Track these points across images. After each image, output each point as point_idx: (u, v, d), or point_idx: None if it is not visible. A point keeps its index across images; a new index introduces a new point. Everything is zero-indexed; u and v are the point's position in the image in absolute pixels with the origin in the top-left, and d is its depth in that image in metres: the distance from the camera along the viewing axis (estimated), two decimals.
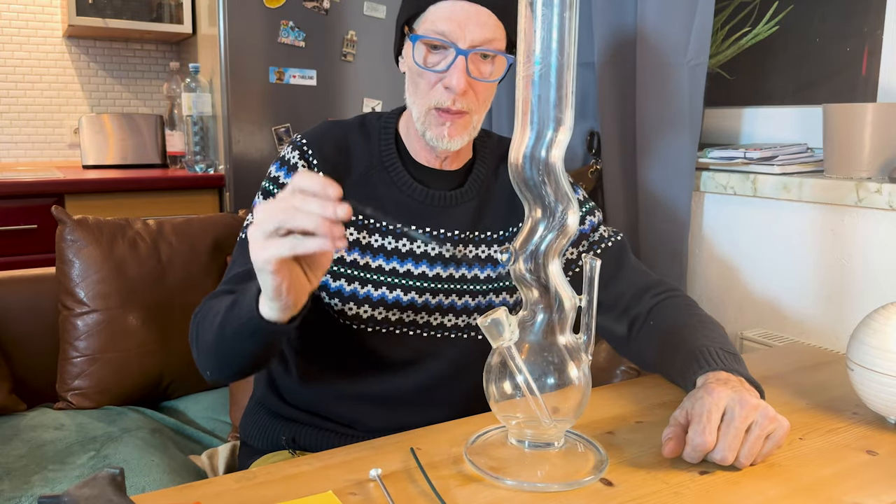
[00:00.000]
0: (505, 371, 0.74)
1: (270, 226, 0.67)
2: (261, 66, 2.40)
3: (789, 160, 1.40)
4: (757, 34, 1.58)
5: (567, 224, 0.71)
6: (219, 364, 0.90)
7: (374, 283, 0.99)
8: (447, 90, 0.92)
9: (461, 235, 1.02)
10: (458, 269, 1.01)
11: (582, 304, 0.74)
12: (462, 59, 0.91)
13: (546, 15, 0.66)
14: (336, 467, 0.75)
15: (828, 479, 0.74)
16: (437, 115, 0.94)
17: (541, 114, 0.69)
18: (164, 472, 1.18)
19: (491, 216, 1.04)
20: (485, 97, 0.96)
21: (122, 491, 0.61)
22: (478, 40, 0.91)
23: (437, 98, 0.93)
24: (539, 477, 0.73)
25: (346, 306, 0.99)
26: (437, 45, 0.92)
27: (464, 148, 1.02)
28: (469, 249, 1.02)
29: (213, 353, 0.89)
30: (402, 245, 0.99)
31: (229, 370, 0.91)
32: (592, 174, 1.66)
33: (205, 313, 0.91)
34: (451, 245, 1.01)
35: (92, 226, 1.47)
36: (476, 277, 1.02)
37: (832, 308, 1.33)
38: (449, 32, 0.91)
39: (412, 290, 1.00)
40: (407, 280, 1.00)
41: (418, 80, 0.95)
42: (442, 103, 0.93)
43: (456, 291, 1.02)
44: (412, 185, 1.01)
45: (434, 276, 1.01)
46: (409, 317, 1.00)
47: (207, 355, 0.90)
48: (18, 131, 2.84)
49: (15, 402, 1.39)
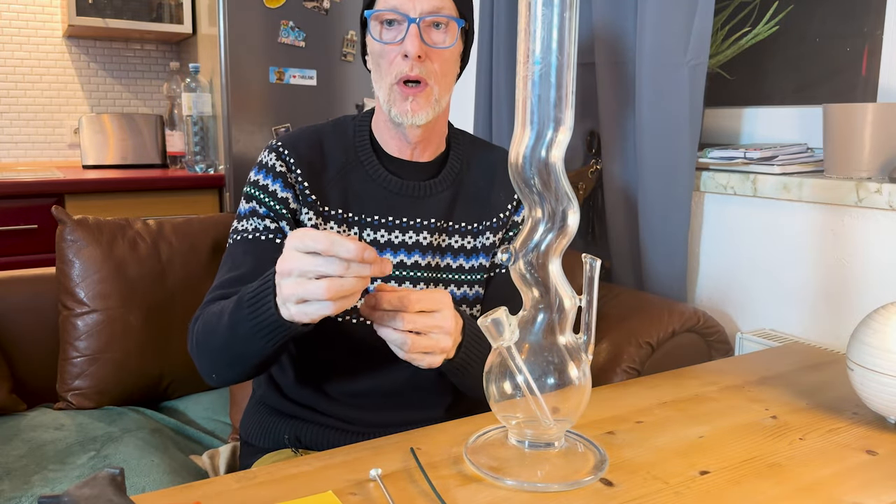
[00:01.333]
0: (505, 371, 0.74)
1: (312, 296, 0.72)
2: (261, 66, 2.40)
3: (789, 160, 1.40)
4: (757, 34, 1.58)
5: (567, 224, 0.71)
6: (229, 366, 0.91)
7: None
8: (405, 59, 0.96)
9: (437, 224, 1.04)
10: (438, 258, 1.05)
11: (582, 303, 0.74)
12: (415, 26, 0.95)
13: (546, 15, 0.66)
14: (336, 467, 0.75)
15: (828, 479, 0.74)
16: (400, 91, 0.98)
17: (541, 114, 0.69)
18: (165, 473, 1.18)
19: (465, 207, 1.07)
20: (444, 70, 0.99)
21: (123, 491, 0.61)
22: (427, 9, 0.96)
23: (396, 70, 0.97)
24: (539, 477, 0.73)
25: None
26: (392, 19, 0.97)
27: (434, 138, 1.05)
28: (443, 238, 1.05)
29: (222, 356, 0.90)
30: (380, 237, 1.02)
31: (239, 370, 0.92)
32: (592, 174, 1.66)
33: (207, 319, 0.92)
34: (427, 233, 1.04)
35: (92, 226, 1.47)
36: (459, 267, 1.06)
37: (832, 308, 1.33)
38: (399, 5, 0.95)
39: (406, 280, 1.02)
40: (401, 271, 1.03)
41: (380, 60, 0.99)
42: (402, 72, 0.96)
43: (442, 280, 1.05)
44: (387, 177, 1.03)
45: (412, 265, 1.03)
46: None
47: (215, 359, 0.92)
48: (18, 131, 2.85)
49: (15, 402, 1.39)
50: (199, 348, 0.94)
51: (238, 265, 0.99)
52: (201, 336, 0.93)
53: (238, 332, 0.84)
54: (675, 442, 0.81)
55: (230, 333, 0.86)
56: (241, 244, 1.00)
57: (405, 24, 0.96)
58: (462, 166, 1.09)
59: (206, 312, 0.94)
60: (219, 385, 1.04)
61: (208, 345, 0.92)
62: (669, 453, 0.78)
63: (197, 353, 0.95)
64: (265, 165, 1.03)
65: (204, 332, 0.92)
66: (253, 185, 1.03)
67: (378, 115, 1.06)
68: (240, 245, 1.00)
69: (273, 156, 1.03)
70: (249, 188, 1.03)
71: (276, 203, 1.00)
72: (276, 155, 1.03)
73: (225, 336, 0.87)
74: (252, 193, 1.02)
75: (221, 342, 0.88)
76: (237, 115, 2.40)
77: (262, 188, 1.01)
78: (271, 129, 2.45)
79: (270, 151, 1.04)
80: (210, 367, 0.94)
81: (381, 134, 1.06)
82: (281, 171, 1.01)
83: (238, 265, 0.99)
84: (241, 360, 0.89)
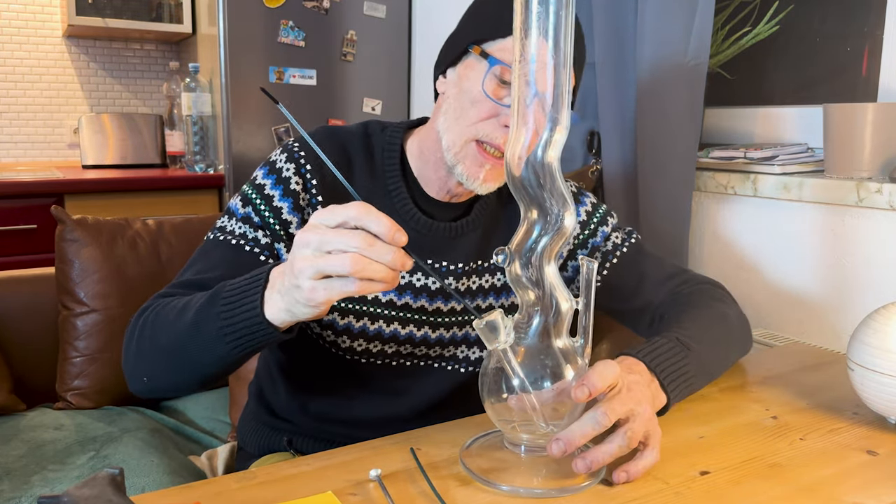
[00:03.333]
0: (500, 374, 0.73)
1: (333, 269, 0.63)
2: (260, 66, 2.40)
3: (790, 160, 1.40)
4: (757, 34, 1.58)
5: (564, 226, 0.70)
6: (170, 371, 0.80)
7: (371, 317, 0.92)
8: (504, 128, 0.84)
9: (464, 268, 0.95)
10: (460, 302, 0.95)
11: (579, 306, 0.73)
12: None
13: (541, 13, 0.66)
14: (336, 468, 0.75)
15: (828, 480, 0.74)
16: (477, 152, 0.86)
17: (536, 114, 0.68)
18: (164, 473, 1.18)
19: (496, 244, 0.96)
20: None
21: (122, 491, 0.60)
22: None
23: (486, 131, 0.85)
24: (535, 483, 0.72)
25: (339, 339, 0.93)
26: (509, 81, 0.83)
27: None
28: (472, 280, 0.97)
29: (166, 358, 0.79)
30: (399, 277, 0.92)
31: (179, 380, 0.81)
32: (592, 174, 1.66)
33: (161, 312, 0.81)
34: (453, 279, 0.95)
35: (91, 226, 1.47)
36: (478, 307, 0.97)
37: (833, 308, 1.33)
38: None
39: (410, 322, 0.94)
40: (405, 313, 0.94)
41: (469, 106, 0.86)
42: (492, 139, 0.85)
43: (457, 323, 0.97)
44: (416, 216, 0.93)
45: (434, 310, 0.95)
46: (407, 349, 0.96)
47: (155, 360, 0.80)
48: (18, 131, 2.84)
49: (14, 402, 1.39)
50: (138, 344, 0.81)
51: (209, 268, 0.86)
52: (148, 330, 0.81)
53: (201, 332, 0.74)
54: (675, 442, 0.81)
55: (190, 332, 0.75)
56: (221, 247, 0.88)
57: None
58: (495, 199, 0.99)
59: (161, 305, 0.82)
60: (142, 394, 0.86)
61: (154, 341, 0.80)
62: (669, 453, 0.77)
63: (135, 349, 0.82)
64: (278, 171, 0.90)
65: (153, 326, 0.80)
66: (257, 191, 0.90)
67: (426, 147, 0.93)
68: (219, 247, 0.88)
69: (291, 167, 0.90)
70: (252, 192, 0.90)
71: (276, 222, 0.89)
72: (295, 168, 0.90)
73: (181, 334, 0.76)
74: (252, 199, 0.90)
75: (173, 341, 0.77)
76: (237, 114, 2.40)
77: (266, 199, 0.89)
78: (271, 128, 2.45)
79: (289, 160, 0.90)
80: (144, 369, 0.81)
81: (421, 168, 0.94)
82: (294, 189, 0.89)
83: (209, 268, 0.86)
84: (188, 367, 0.78)
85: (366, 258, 0.63)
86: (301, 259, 0.65)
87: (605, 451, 0.70)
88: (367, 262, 0.63)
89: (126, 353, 0.83)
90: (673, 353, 0.84)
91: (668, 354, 0.83)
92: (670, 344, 0.84)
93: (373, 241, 0.63)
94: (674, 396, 0.82)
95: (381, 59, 2.58)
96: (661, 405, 0.81)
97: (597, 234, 1.04)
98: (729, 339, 0.97)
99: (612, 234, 1.05)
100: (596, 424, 0.69)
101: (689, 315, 0.93)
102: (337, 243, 0.63)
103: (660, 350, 0.83)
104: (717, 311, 0.96)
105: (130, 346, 0.83)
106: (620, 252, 1.04)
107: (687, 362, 0.84)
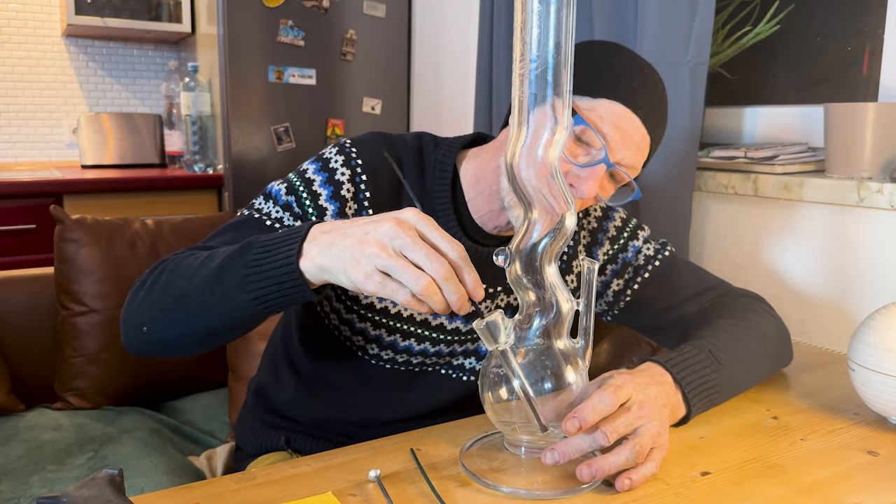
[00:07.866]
0: (501, 375, 0.73)
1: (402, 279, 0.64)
2: (260, 66, 2.40)
3: (790, 160, 1.40)
4: (758, 33, 1.57)
5: (564, 226, 0.70)
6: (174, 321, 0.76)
7: (403, 333, 0.94)
8: (569, 187, 0.83)
9: (501, 291, 0.95)
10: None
11: (580, 307, 0.73)
12: (604, 168, 0.83)
13: (542, 12, 0.65)
14: (335, 468, 0.75)
15: (829, 480, 0.74)
16: None
17: (537, 114, 0.67)
18: (163, 473, 1.17)
19: None
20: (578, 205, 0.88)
21: (121, 492, 0.60)
22: (627, 162, 0.85)
23: None
24: (535, 485, 0.72)
25: (369, 346, 0.95)
26: (590, 142, 0.84)
27: None
28: (500, 298, 0.96)
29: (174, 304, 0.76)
30: None
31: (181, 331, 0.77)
32: None
33: (181, 260, 0.79)
34: (489, 300, 0.94)
35: (90, 225, 1.47)
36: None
37: (833, 308, 1.33)
38: (611, 139, 0.83)
39: (441, 342, 0.95)
40: (438, 333, 0.95)
41: None
42: None
43: (470, 339, 0.98)
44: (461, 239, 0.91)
45: (453, 329, 0.95)
46: (431, 360, 0.97)
47: (161, 306, 0.77)
48: (17, 131, 2.84)
49: (13, 403, 1.39)
50: (149, 289, 0.78)
51: (238, 239, 0.82)
52: (164, 277, 0.78)
53: (224, 279, 0.72)
54: (676, 442, 0.81)
55: (211, 278, 0.73)
56: (256, 225, 0.86)
57: (598, 157, 0.83)
58: None
59: (185, 255, 0.80)
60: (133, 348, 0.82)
61: (167, 288, 0.76)
62: (670, 454, 0.77)
63: (143, 295, 0.78)
64: (330, 172, 0.88)
65: (171, 274, 0.77)
66: (305, 184, 0.88)
67: (484, 175, 0.90)
68: (253, 224, 0.86)
69: (346, 172, 0.88)
70: (300, 183, 0.88)
71: (318, 219, 0.87)
72: (350, 174, 0.88)
73: (201, 281, 0.73)
74: (298, 190, 0.88)
75: (190, 287, 0.74)
76: (236, 114, 2.40)
77: (313, 195, 0.87)
78: (270, 128, 2.45)
79: (344, 164, 0.88)
80: (148, 318, 0.78)
81: (474, 196, 0.91)
82: (344, 196, 0.87)
83: (238, 239, 0.82)
84: (196, 317, 0.75)
85: (436, 287, 0.65)
86: (380, 246, 0.65)
87: (612, 462, 0.70)
88: (436, 290, 0.65)
89: (130, 300, 0.81)
90: (702, 365, 0.83)
91: (698, 367, 0.83)
92: (701, 356, 0.84)
93: (452, 275, 0.65)
94: (695, 410, 0.82)
95: (380, 58, 2.58)
96: (679, 417, 0.81)
97: (627, 248, 1.04)
98: (764, 352, 0.95)
99: (644, 247, 1.04)
100: (594, 443, 0.70)
101: (725, 326, 0.91)
102: (421, 259, 0.65)
103: (689, 361, 0.82)
104: (754, 324, 0.95)
105: (138, 293, 0.80)
106: (652, 266, 1.03)
107: (715, 377, 0.84)
